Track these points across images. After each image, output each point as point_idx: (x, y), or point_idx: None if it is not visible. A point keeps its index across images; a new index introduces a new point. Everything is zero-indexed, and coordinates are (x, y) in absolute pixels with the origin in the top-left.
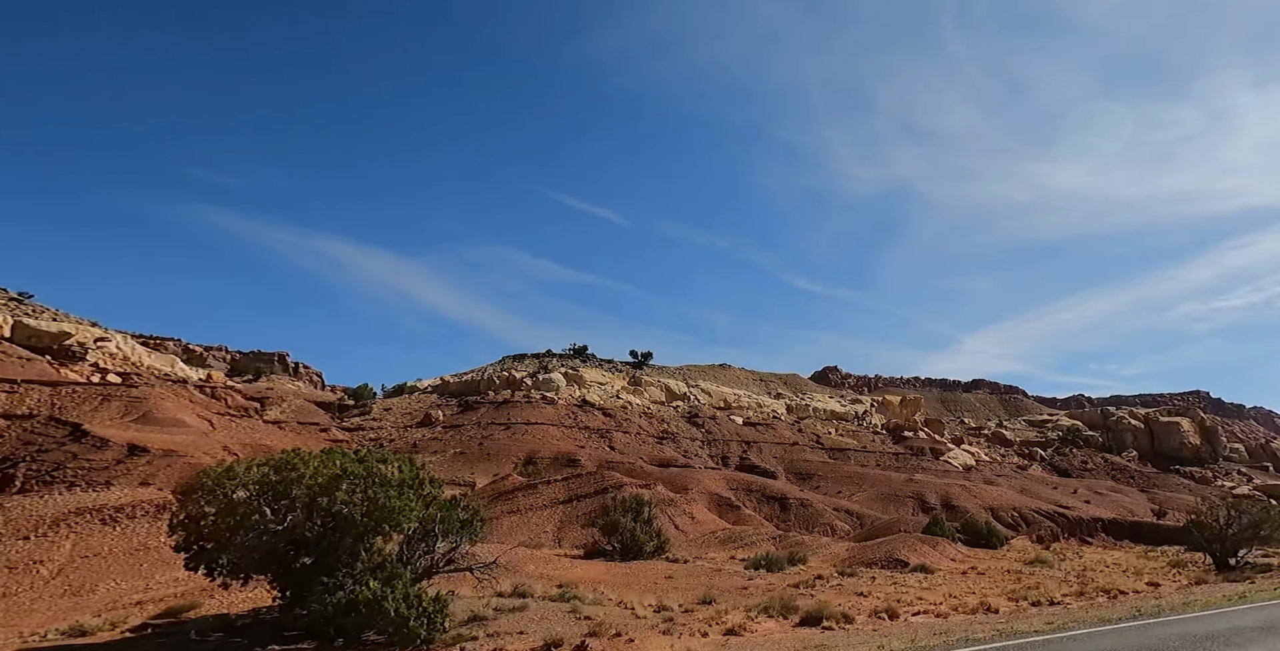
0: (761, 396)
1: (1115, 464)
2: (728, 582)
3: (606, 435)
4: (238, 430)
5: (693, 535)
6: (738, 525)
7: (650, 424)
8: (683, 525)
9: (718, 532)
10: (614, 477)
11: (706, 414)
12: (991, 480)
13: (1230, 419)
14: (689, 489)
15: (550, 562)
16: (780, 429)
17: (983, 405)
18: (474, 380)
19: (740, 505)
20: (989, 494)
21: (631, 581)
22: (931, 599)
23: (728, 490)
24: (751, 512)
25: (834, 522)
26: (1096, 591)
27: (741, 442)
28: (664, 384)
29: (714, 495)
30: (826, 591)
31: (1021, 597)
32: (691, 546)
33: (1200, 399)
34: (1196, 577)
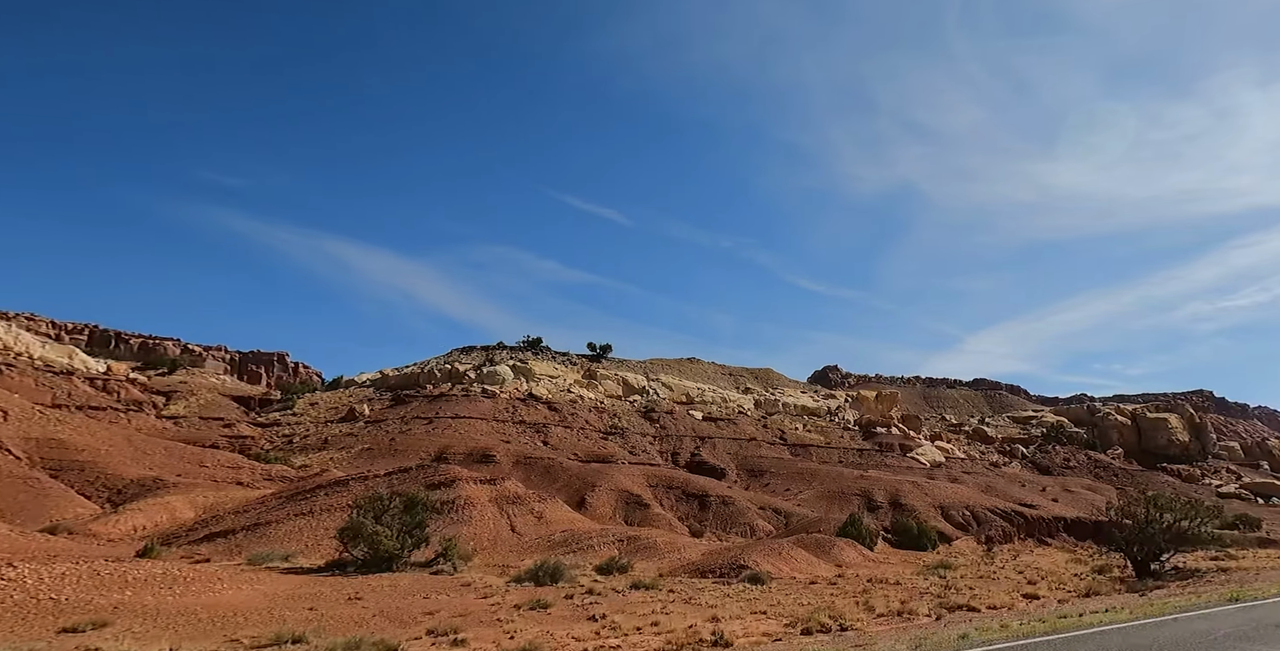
0: (728, 391)
1: (1099, 461)
2: (443, 603)
3: (543, 430)
4: (43, 423)
5: (529, 538)
6: (639, 526)
7: (600, 418)
8: (522, 526)
9: (557, 534)
10: (450, 471)
11: (664, 408)
12: (957, 478)
13: (1234, 418)
14: (597, 486)
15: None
16: (743, 424)
17: (967, 401)
18: (414, 373)
19: (650, 504)
20: (945, 492)
21: (274, 607)
22: (671, 625)
23: (644, 487)
24: (663, 511)
25: (755, 522)
26: (942, 608)
27: (696, 438)
28: (622, 377)
29: (623, 492)
30: (567, 610)
31: (808, 621)
32: (513, 552)
33: (1204, 398)
34: (1090, 587)
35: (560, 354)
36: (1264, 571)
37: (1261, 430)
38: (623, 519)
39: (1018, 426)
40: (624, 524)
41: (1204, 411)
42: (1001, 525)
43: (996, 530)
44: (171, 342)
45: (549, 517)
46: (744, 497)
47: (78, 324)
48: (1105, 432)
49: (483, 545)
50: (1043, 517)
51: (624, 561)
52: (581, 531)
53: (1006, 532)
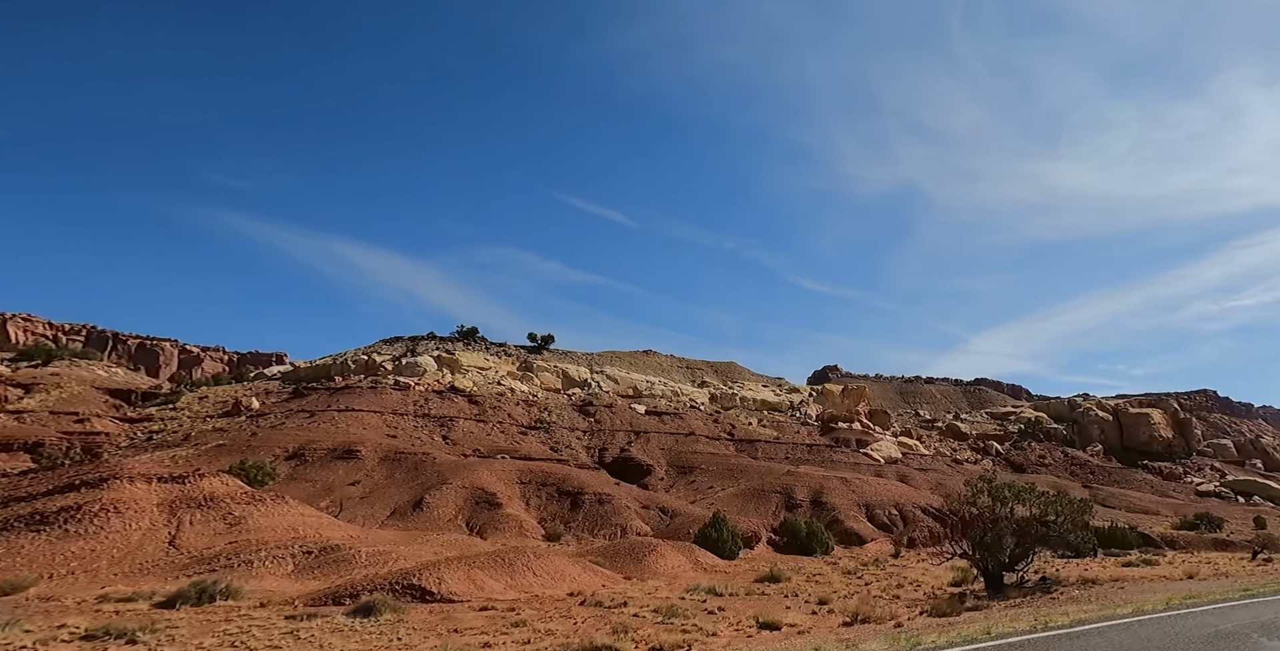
0: (682, 384)
1: (1076, 458)
2: None
3: (450, 424)
4: None
5: (186, 552)
6: (481, 529)
7: (527, 412)
8: (192, 538)
9: (221, 547)
10: (108, 467)
11: (603, 402)
12: (907, 475)
13: (1238, 418)
14: (446, 484)
15: None
16: (690, 418)
17: (946, 397)
18: (327, 365)
19: (504, 503)
20: (878, 489)
21: None
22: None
23: (509, 485)
24: (518, 511)
25: (630, 522)
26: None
27: (631, 433)
28: (562, 370)
29: (476, 491)
30: None
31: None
32: (140, 572)
33: (1208, 398)
34: (934, 606)
35: (497, 345)
36: (1147, 583)
37: (1265, 430)
38: (465, 521)
39: (995, 423)
40: (464, 527)
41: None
42: (930, 525)
43: (922, 531)
44: (169, 343)
45: (255, 524)
46: (626, 496)
47: (75, 324)
48: (1086, 429)
49: (99, 563)
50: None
51: (222, 586)
52: (274, 541)
53: (935, 534)
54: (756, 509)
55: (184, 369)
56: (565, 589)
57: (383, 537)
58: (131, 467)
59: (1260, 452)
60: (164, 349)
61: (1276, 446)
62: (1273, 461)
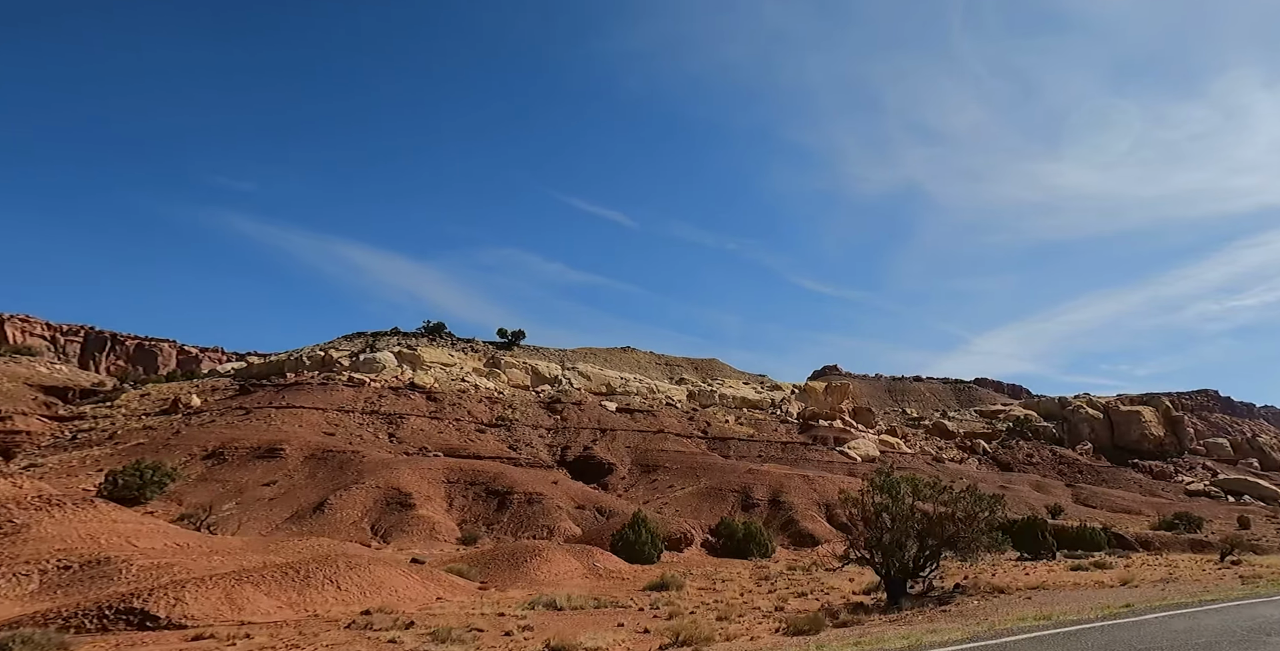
0: (659, 381)
1: (1064, 457)
2: None
3: (399, 422)
4: None
5: None
6: (382, 532)
7: (489, 409)
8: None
9: None
10: None
11: (572, 399)
12: (878, 473)
13: (1240, 417)
14: (358, 484)
15: None
16: (663, 416)
17: (934, 395)
18: (281, 361)
19: (418, 504)
20: (843, 488)
21: None
22: None
23: (432, 484)
24: (431, 513)
25: (560, 524)
26: None
27: (597, 430)
28: (531, 366)
29: (389, 490)
30: None
31: None
32: None
33: (1208, 398)
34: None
35: (464, 340)
36: (1069, 592)
37: (1266, 429)
38: (370, 524)
39: (984, 421)
40: (368, 531)
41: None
42: None
43: None
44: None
45: (36, 534)
46: (562, 495)
47: (73, 325)
48: (1075, 427)
49: None
50: None
51: None
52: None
53: None
54: (711, 508)
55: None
56: (373, 604)
57: (223, 546)
58: None
59: (1256, 451)
60: (162, 350)
61: (1273, 445)
62: (1269, 460)
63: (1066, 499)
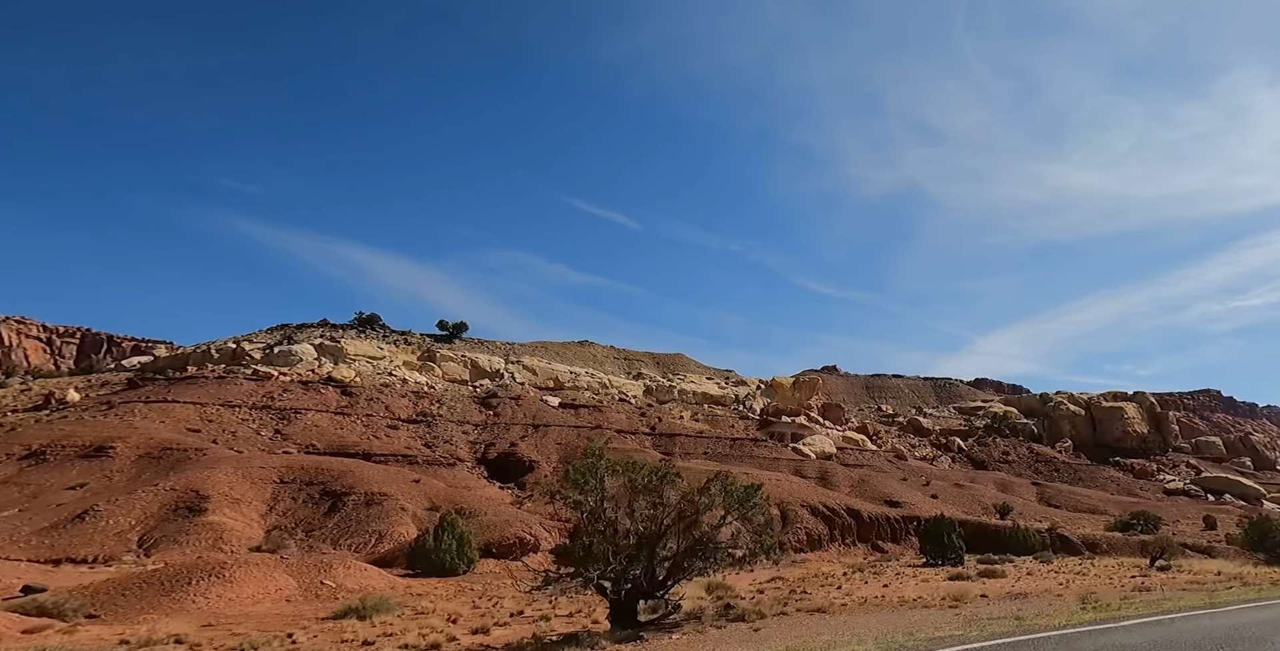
0: (614, 376)
1: (1041, 454)
2: None
3: (293, 417)
4: None
5: None
6: (161, 542)
7: (413, 404)
8: None
9: None
10: None
11: (510, 394)
12: (830, 471)
13: (1243, 417)
14: (158, 483)
15: None
16: (611, 411)
17: (913, 391)
18: (188, 354)
19: (210, 509)
20: (770, 486)
21: None
22: None
23: (250, 484)
24: (226, 518)
25: (396, 529)
26: None
27: (530, 426)
28: (471, 360)
29: (185, 492)
30: None
31: None
32: None
33: (1210, 397)
34: None
35: (399, 333)
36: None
37: (1270, 429)
38: (141, 534)
39: (961, 418)
40: (133, 542)
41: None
42: (810, 527)
43: (799, 534)
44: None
45: None
46: (417, 495)
47: (70, 327)
48: (1056, 423)
49: None
50: (885, 517)
51: None
52: None
53: (816, 537)
54: None
55: None
56: None
57: None
58: None
59: (1249, 450)
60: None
61: (1266, 443)
62: (1262, 459)
63: (1031, 498)
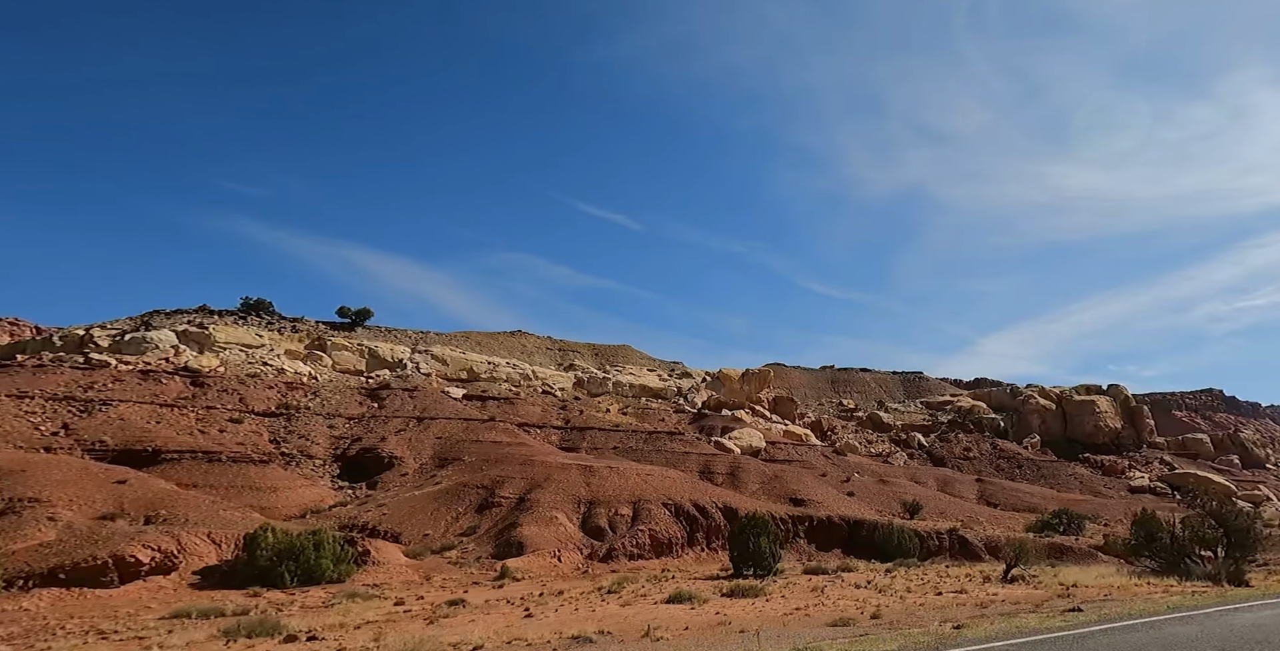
0: (543, 367)
1: (1005, 450)
2: None
3: (96, 410)
4: None
5: None
6: None
7: (280, 396)
8: None
9: None
10: None
11: (406, 386)
12: (742, 468)
13: (1245, 417)
14: None
15: None
16: (524, 403)
17: (880, 385)
18: (25, 342)
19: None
20: (634, 484)
21: None
22: None
23: None
24: None
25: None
26: None
27: (414, 420)
28: (370, 349)
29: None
30: None
31: None
32: None
33: (1213, 397)
34: None
35: (290, 319)
36: None
37: (1273, 428)
38: None
39: (927, 413)
40: None
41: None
42: (656, 530)
43: (641, 537)
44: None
45: None
46: (104, 498)
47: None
48: (1025, 418)
49: None
50: (777, 517)
51: None
52: None
53: (666, 540)
54: (435, 511)
55: None
56: None
57: None
58: None
59: (1238, 447)
60: None
61: (1256, 441)
62: (1251, 457)
63: (971, 496)
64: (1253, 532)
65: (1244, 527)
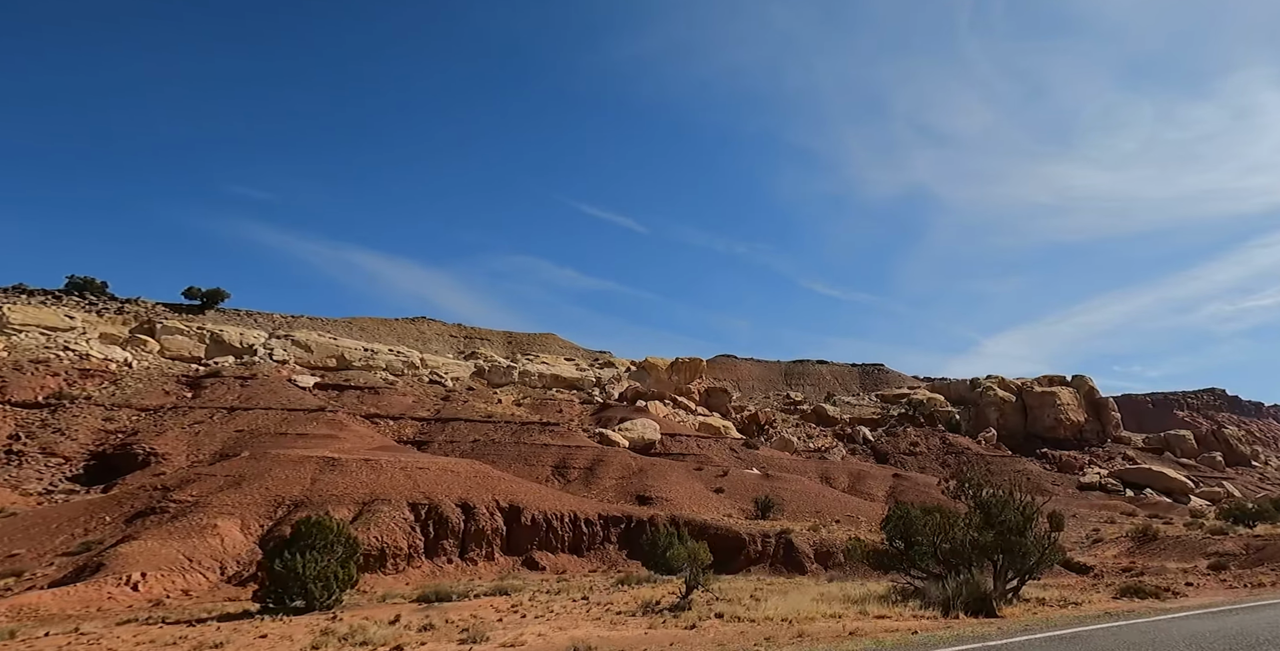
0: (437, 356)
1: (954, 445)
2: None
3: None
4: None
5: None
6: None
7: (60, 384)
8: None
9: None
10: None
11: (241, 373)
12: (602, 461)
13: (1248, 416)
14: None
15: None
16: (394, 394)
17: (835, 378)
18: None
19: None
20: (434, 482)
21: None
22: None
23: None
24: None
25: None
26: None
27: (222, 411)
28: (212, 333)
29: None
30: None
31: None
32: None
33: (1215, 396)
34: None
35: (123, 301)
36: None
37: (1275, 428)
38: None
39: (878, 406)
40: None
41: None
42: (395, 536)
43: (410, 541)
44: None
45: None
46: None
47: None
48: (983, 411)
49: None
50: (587, 519)
51: None
52: None
53: (395, 549)
54: (68, 522)
55: None
56: None
57: None
58: None
59: (1222, 444)
60: None
61: (1240, 437)
62: (1235, 454)
63: (879, 493)
64: (1025, 541)
65: (1014, 529)
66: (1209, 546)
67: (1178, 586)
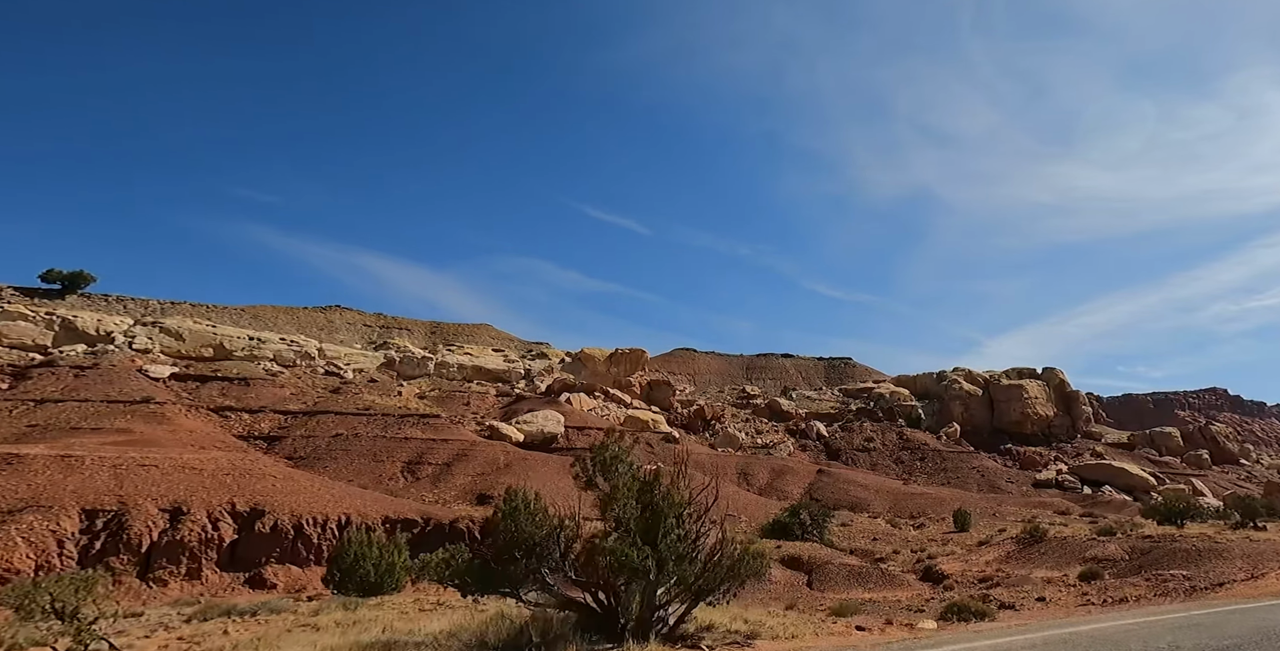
0: (342, 346)
1: (911, 441)
2: None
3: None
4: None
5: None
6: None
7: None
8: None
9: None
10: None
11: (82, 362)
12: (465, 456)
13: (1250, 416)
14: None
15: None
16: (271, 386)
17: (800, 371)
18: None
19: None
20: (157, 479)
21: None
22: None
23: None
24: None
25: None
26: None
27: (30, 403)
28: (66, 319)
29: None
30: None
31: None
32: None
33: (1217, 396)
34: None
35: None
36: None
37: (1277, 428)
38: None
39: (839, 400)
40: None
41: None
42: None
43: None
44: None
45: None
46: None
47: None
48: (948, 405)
49: None
50: (359, 521)
51: None
52: None
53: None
54: None
55: None
56: None
57: None
58: None
59: (1209, 441)
60: None
61: (1228, 434)
62: (1222, 452)
63: (797, 489)
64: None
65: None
66: (1089, 550)
67: (1025, 601)
